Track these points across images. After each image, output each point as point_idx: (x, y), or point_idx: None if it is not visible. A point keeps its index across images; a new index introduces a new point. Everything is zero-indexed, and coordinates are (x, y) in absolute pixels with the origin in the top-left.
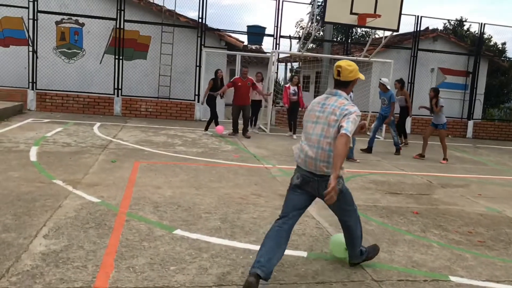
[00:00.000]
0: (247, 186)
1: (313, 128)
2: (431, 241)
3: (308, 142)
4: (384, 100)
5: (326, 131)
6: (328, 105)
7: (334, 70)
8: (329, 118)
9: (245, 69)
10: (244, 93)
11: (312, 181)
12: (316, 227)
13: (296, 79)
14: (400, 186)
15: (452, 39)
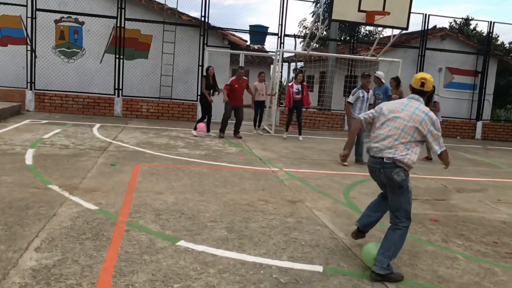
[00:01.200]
0: (253, 192)
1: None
2: (455, 252)
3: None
4: (379, 95)
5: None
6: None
7: (418, 81)
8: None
9: (241, 70)
10: (239, 94)
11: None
12: (331, 237)
13: (301, 76)
14: (414, 190)
15: (460, 38)
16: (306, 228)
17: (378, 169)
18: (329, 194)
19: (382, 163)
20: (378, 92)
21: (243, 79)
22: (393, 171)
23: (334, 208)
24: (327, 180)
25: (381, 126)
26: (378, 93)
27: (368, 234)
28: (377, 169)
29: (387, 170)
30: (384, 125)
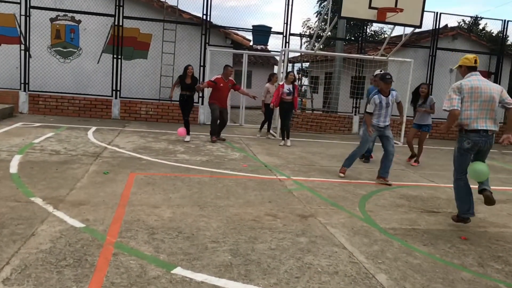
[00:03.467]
0: (259, 204)
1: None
2: (496, 280)
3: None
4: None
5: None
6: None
7: (472, 60)
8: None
9: (230, 68)
10: (224, 95)
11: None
12: (351, 261)
13: (292, 76)
14: (435, 202)
15: (473, 37)
16: (322, 250)
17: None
18: (343, 206)
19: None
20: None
21: (229, 79)
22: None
23: (350, 224)
24: (339, 190)
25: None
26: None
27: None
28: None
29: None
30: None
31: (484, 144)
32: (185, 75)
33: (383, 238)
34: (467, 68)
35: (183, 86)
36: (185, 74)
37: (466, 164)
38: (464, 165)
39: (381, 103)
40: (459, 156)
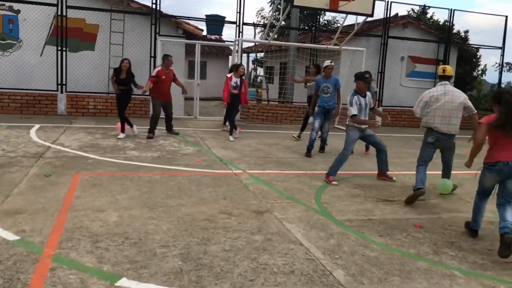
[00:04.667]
0: (213, 202)
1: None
2: (451, 267)
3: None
4: (328, 88)
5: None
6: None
7: (440, 70)
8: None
9: (170, 57)
10: (167, 87)
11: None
12: (307, 258)
13: (242, 69)
14: (390, 190)
15: (422, 26)
16: (278, 248)
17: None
18: (299, 199)
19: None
20: (327, 84)
21: (170, 69)
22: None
23: (307, 217)
24: (295, 182)
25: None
26: (327, 86)
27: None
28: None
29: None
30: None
31: (444, 141)
32: (120, 70)
33: (340, 231)
34: (438, 76)
35: (118, 81)
36: (120, 68)
37: (427, 154)
38: (425, 156)
39: (360, 104)
40: (424, 147)
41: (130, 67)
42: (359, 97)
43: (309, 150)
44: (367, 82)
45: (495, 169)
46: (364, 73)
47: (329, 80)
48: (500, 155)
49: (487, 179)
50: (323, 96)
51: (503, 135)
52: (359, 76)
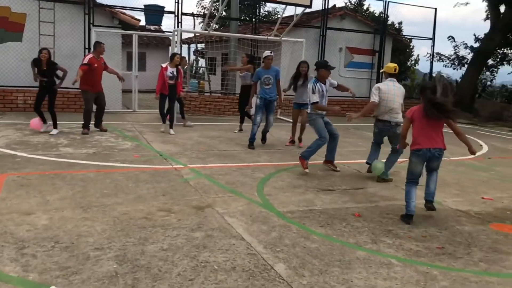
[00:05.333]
0: (152, 199)
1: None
2: (388, 256)
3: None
4: (270, 79)
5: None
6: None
7: (392, 68)
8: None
9: (102, 44)
10: (99, 76)
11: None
12: (249, 253)
13: (178, 58)
14: (330, 179)
15: (359, 17)
16: (219, 244)
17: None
18: (241, 193)
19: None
20: (268, 75)
21: (101, 57)
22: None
23: (249, 211)
24: (238, 175)
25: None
26: (268, 77)
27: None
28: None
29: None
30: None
31: (390, 129)
32: (39, 61)
33: (281, 223)
34: (388, 74)
35: (40, 73)
36: (39, 59)
37: (379, 138)
38: (378, 139)
39: (322, 91)
40: (374, 133)
41: (50, 57)
42: (321, 84)
43: (251, 142)
44: (330, 69)
45: (420, 154)
46: (327, 62)
47: (269, 71)
48: (424, 143)
49: (414, 164)
50: (264, 87)
51: (425, 125)
52: (323, 64)
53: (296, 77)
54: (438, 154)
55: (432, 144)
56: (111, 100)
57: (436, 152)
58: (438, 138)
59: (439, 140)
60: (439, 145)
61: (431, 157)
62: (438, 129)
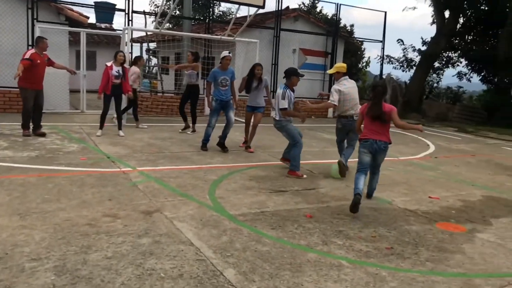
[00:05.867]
0: (97, 204)
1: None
2: (339, 257)
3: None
4: (227, 81)
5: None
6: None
7: (345, 68)
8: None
9: (45, 40)
10: (42, 73)
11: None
12: (197, 259)
13: (122, 56)
14: (283, 180)
15: (311, 19)
16: (166, 251)
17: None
18: (192, 196)
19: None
20: (224, 77)
21: (44, 53)
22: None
23: (199, 215)
24: (189, 178)
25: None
26: (225, 78)
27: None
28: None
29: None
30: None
31: (350, 124)
32: None
33: (233, 226)
34: (342, 73)
35: None
36: None
37: (342, 135)
38: (340, 137)
39: (291, 98)
40: (338, 131)
41: None
42: (290, 91)
43: (204, 144)
44: (301, 76)
45: (367, 144)
46: (295, 68)
47: (226, 72)
48: (370, 135)
49: (362, 154)
50: (221, 89)
51: (371, 121)
52: (294, 71)
53: (249, 79)
54: (384, 147)
55: (377, 137)
56: (58, 100)
57: (382, 145)
58: (383, 132)
59: (384, 134)
60: (383, 139)
61: (377, 149)
62: (383, 124)
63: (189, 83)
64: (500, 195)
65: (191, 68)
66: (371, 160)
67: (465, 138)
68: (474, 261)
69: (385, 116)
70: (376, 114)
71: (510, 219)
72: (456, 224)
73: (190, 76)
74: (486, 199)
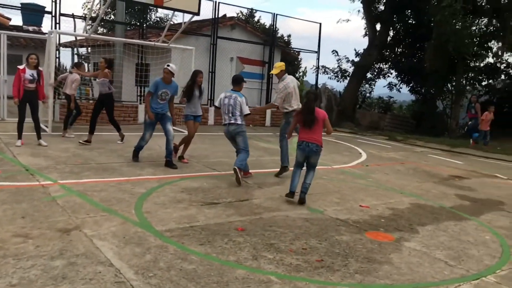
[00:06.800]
0: (8, 222)
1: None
2: (268, 273)
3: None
4: (167, 95)
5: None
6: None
7: (284, 66)
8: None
9: None
10: None
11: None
12: (116, 281)
13: (34, 58)
14: (216, 192)
15: (249, 28)
16: (82, 273)
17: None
18: (117, 211)
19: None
20: (165, 90)
21: None
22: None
23: (122, 231)
24: (115, 191)
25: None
26: (165, 91)
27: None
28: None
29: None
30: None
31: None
32: None
33: (158, 243)
34: (284, 71)
35: None
36: None
37: (287, 130)
38: (285, 131)
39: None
40: (285, 125)
41: None
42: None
43: (136, 153)
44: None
45: (301, 147)
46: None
47: (168, 86)
48: (303, 137)
49: (298, 154)
50: (159, 101)
51: (304, 125)
52: (242, 78)
53: (191, 88)
54: (315, 149)
55: (310, 140)
56: None
57: (314, 147)
58: (315, 136)
59: (316, 137)
60: (316, 142)
61: (309, 151)
62: (316, 128)
63: (102, 92)
64: (426, 202)
65: (103, 76)
66: (305, 160)
67: (395, 146)
68: (401, 271)
69: (317, 121)
70: (308, 119)
71: (435, 226)
72: (385, 233)
73: (102, 84)
74: (414, 206)
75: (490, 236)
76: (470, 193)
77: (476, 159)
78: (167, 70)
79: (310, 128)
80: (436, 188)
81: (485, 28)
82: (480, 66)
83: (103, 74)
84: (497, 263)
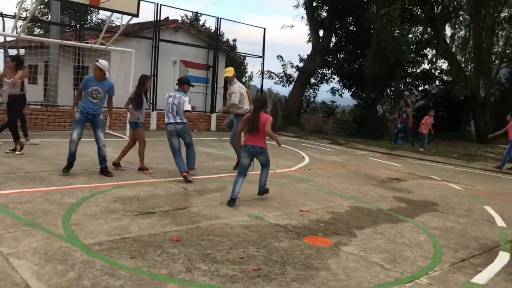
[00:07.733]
0: None
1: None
2: (202, 285)
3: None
4: (99, 93)
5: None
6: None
7: (233, 70)
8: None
9: None
10: None
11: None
12: None
13: None
14: (152, 200)
15: (192, 31)
16: None
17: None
18: (41, 224)
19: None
20: (97, 88)
21: None
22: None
23: (45, 247)
24: (42, 202)
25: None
26: (97, 90)
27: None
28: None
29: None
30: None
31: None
32: None
33: (85, 259)
34: (234, 75)
35: None
36: None
37: (237, 127)
38: (236, 129)
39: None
40: (237, 124)
41: None
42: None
43: (69, 164)
44: (192, 87)
45: (246, 149)
46: (189, 80)
47: (101, 84)
48: (248, 141)
49: (243, 157)
50: (90, 100)
51: (249, 130)
52: (188, 81)
53: (140, 94)
54: (260, 151)
55: (254, 143)
56: None
57: (258, 149)
58: (259, 139)
59: (260, 141)
60: (259, 144)
61: (254, 153)
62: (260, 134)
63: (13, 94)
64: (365, 205)
65: (17, 77)
66: (251, 163)
67: (337, 149)
68: (337, 277)
69: (261, 126)
70: (253, 125)
71: (372, 229)
72: (324, 238)
73: (14, 85)
74: (353, 209)
75: (424, 237)
76: (407, 195)
77: (413, 161)
78: (95, 66)
79: (255, 134)
80: (375, 190)
81: (421, 36)
82: (416, 72)
83: (18, 74)
84: (429, 264)
